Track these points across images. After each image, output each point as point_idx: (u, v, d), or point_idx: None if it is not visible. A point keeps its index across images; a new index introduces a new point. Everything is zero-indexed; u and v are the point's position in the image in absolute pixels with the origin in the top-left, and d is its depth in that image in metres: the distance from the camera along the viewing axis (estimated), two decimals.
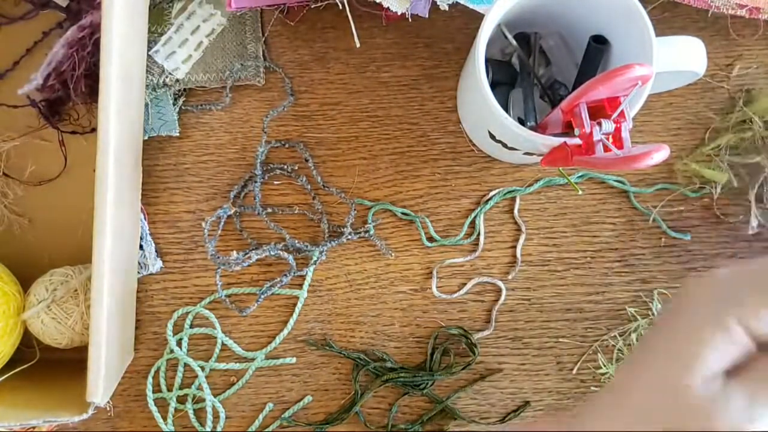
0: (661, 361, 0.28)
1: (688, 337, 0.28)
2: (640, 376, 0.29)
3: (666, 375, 0.28)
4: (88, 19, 0.42)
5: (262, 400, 0.45)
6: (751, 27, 0.46)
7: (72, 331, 0.40)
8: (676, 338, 0.28)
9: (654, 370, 0.28)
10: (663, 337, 0.29)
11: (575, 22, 0.40)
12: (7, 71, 0.46)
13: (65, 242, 0.46)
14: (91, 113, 0.46)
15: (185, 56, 0.45)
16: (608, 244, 0.45)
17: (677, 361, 0.27)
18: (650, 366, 0.29)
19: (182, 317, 0.45)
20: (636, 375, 0.29)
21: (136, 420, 0.45)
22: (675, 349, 0.28)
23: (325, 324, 0.45)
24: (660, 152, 0.29)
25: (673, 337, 0.28)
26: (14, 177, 0.46)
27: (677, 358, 0.28)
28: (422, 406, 0.45)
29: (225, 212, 0.45)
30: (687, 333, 0.28)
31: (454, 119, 0.46)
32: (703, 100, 0.46)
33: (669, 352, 0.28)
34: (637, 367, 0.30)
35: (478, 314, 0.45)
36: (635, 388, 0.29)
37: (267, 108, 0.46)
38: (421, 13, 0.40)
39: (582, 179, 0.46)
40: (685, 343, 0.27)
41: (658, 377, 0.28)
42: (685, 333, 0.28)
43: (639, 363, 0.30)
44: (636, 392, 0.29)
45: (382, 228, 0.46)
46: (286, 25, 0.47)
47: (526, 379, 0.45)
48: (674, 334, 0.28)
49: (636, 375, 0.29)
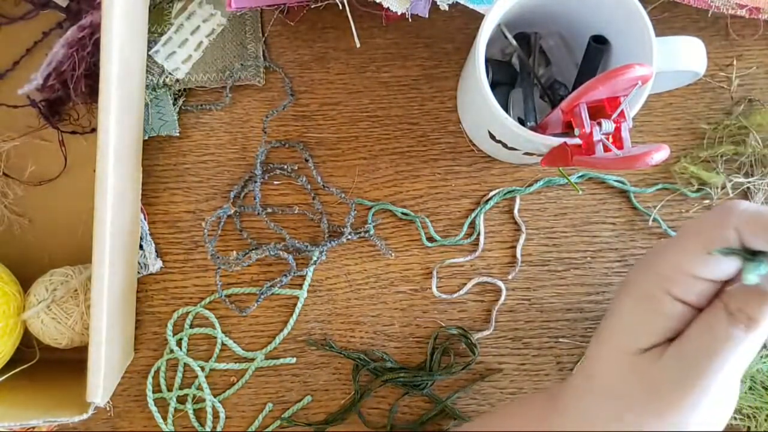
0: (604, 332, 0.30)
1: (619, 308, 0.29)
2: (594, 349, 0.30)
3: (607, 347, 0.29)
4: (88, 19, 0.42)
5: (262, 400, 0.45)
6: (751, 27, 0.46)
7: (72, 331, 0.40)
8: (614, 311, 0.30)
9: (597, 342, 0.30)
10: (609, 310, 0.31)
11: (575, 22, 0.40)
12: (7, 71, 0.46)
13: (65, 242, 0.46)
14: (91, 113, 0.46)
15: (185, 56, 0.45)
16: (608, 244, 0.45)
17: (614, 333, 0.29)
18: (599, 339, 0.30)
19: (182, 317, 0.45)
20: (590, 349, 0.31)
21: (136, 420, 0.45)
22: (613, 321, 0.30)
23: (325, 324, 0.45)
24: (660, 152, 0.29)
25: (613, 310, 0.30)
26: (14, 177, 0.46)
27: (615, 330, 0.29)
28: (422, 406, 0.45)
29: (225, 212, 0.45)
30: (619, 305, 0.30)
31: (454, 119, 0.46)
32: (703, 100, 0.46)
33: (610, 323, 0.30)
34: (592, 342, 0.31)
35: (478, 314, 0.45)
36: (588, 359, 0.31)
37: (267, 108, 0.46)
38: (421, 13, 0.40)
39: (582, 179, 0.46)
40: (620, 315, 0.29)
41: (599, 350, 0.30)
42: (618, 305, 0.30)
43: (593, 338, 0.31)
44: (588, 362, 0.30)
45: (382, 228, 0.46)
46: (286, 25, 0.47)
47: (526, 379, 0.45)
48: (613, 306, 0.30)
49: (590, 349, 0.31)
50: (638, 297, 0.28)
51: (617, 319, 0.29)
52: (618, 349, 0.28)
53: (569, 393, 0.31)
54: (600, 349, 0.30)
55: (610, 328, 0.29)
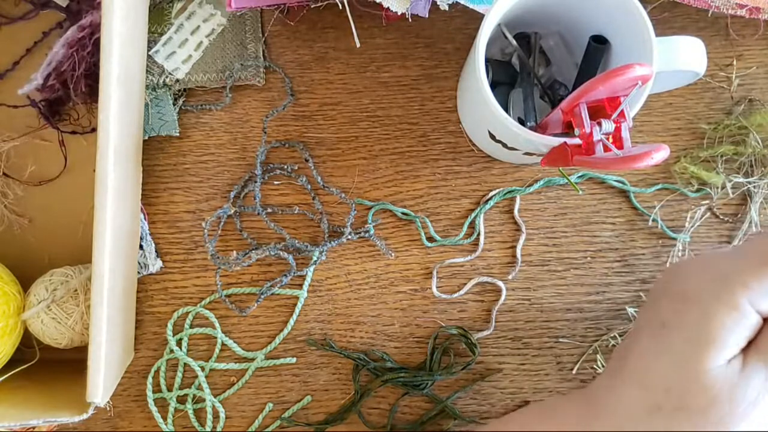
0: (677, 345, 0.28)
1: (701, 320, 0.28)
2: (654, 362, 0.29)
3: (683, 360, 0.28)
4: (88, 19, 0.42)
5: (262, 400, 0.45)
6: (751, 27, 0.46)
7: (72, 331, 0.40)
8: (689, 322, 0.28)
9: (670, 355, 0.28)
10: (674, 321, 0.29)
11: (575, 22, 0.40)
12: (7, 71, 0.46)
13: (65, 242, 0.46)
14: (91, 113, 0.46)
15: (185, 56, 0.45)
16: (608, 244, 0.45)
17: (697, 345, 0.28)
18: (665, 351, 0.29)
19: (182, 317, 0.45)
20: (647, 362, 0.29)
21: (136, 420, 0.45)
22: (690, 334, 0.28)
23: (325, 324, 0.45)
24: (660, 152, 0.29)
25: (686, 321, 0.28)
26: (14, 177, 0.46)
27: (695, 342, 0.28)
28: (422, 406, 0.45)
29: (225, 212, 0.45)
30: (699, 316, 0.28)
31: (454, 119, 0.46)
32: (703, 100, 0.46)
33: (683, 336, 0.28)
34: (648, 355, 0.29)
35: (478, 314, 0.45)
36: (651, 372, 0.29)
37: (267, 108, 0.46)
38: (421, 13, 0.40)
39: (582, 179, 0.46)
40: (701, 327, 0.28)
41: (674, 363, 0.28)
42: (697, 316, 0.28)
43: (648, 350, 0.29)
44: (653, 375, 0.29)
45: (382, 228, 0.46)
46: (286, 25, 0.47)
47: (526, 379, 0.45)
48: (685, 318, 0.28)
49: (647, 362, 0.29)
50: (720, 308, 0.27)
51: (691, 332, 0.28)
52: (700, 361, 0.27)
53: (621, 401, 0.30)
54: (666, 360, 0.28)
55: (683, 340, 0.28)
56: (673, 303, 0.29)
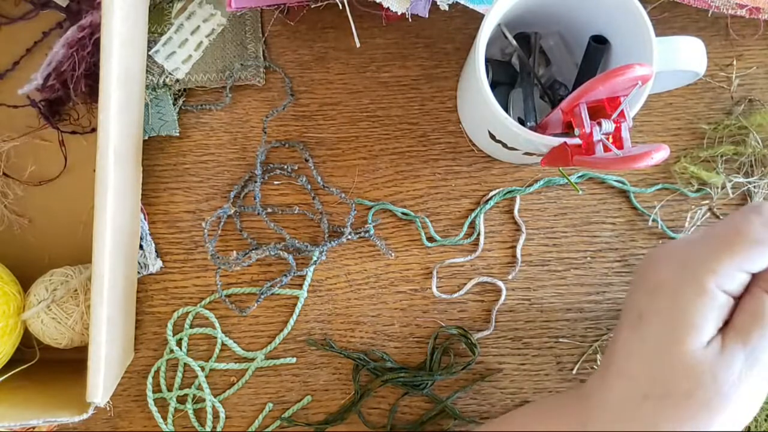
0: (655, 334, 0.29)
1: (674, 307, 0.29)
2: (637, 352, 0.30)
3: (663, 347, 0.29)
4: (88, 19, 0.42)
5: (262, 400, 0.45)
6: (751, 27, 0.46)
7: (72, 331, 0.40)
8: (663, 310, 0.29)
9: (649, 343, 0.30)
10: (649, 311, 0.30)
11: (575, 22, 0.40)
12: (7, 71, 0.46)
13: (65, 242, 0.46)
14: (91, 113, 0.46)
15: (185, 56, 0.45)
16: (608, 244, 0.45)
17: (673, 330, 0.29)
18: (644, 341, 0.30)
19: (182, 317, 0.45)
20: (629, 354, 0.30)
21: (136, 420, 0.45)
22: (666, 321, 0.29)
23: (325, 324, 0.45)
24: (660, 152, 0.29)
25: (660, 310, 0.29)
26: (14, 177, 0.46)
27: (671, 329, 0.29)
28: (422, 406, 0.45)
29: (225, 212, 0.45)
30: (671, 303, 0.29)
31: (454, 119, 0.46)
32: (703, 100, 0.46)
33: (660, 324, 0.29)
34: (630, 346, 0.30)
35: (478, 314, 0.45)
36: (634, 363, 0.30)
37: (267, 108, 0.46)
38: (421, 13, 0.40)
39: (582, 179, 0.46)
40: (674, 313, 0.29)
41: (655, 351, 0.29)
42: (669, 303, 0.29)
43: (629, 341, 0.31)
44: (636, 366, 0.30)
45: (382, 228, 0.46)
46: (286, 25, 0.47)
47: (526, 379, 0.45)
48: (659, 306, 0.30)
49: (629, 354, 0.30)
50: (690, 294, 0.28)
51: (666, 319, 0.29)
52: (679, 346, 0.28)
53: (610, 395, 0.30)
54: (646, 349, 0.29)
55: (660, 327, 0.29)
56: (646, 293, 0.31)
